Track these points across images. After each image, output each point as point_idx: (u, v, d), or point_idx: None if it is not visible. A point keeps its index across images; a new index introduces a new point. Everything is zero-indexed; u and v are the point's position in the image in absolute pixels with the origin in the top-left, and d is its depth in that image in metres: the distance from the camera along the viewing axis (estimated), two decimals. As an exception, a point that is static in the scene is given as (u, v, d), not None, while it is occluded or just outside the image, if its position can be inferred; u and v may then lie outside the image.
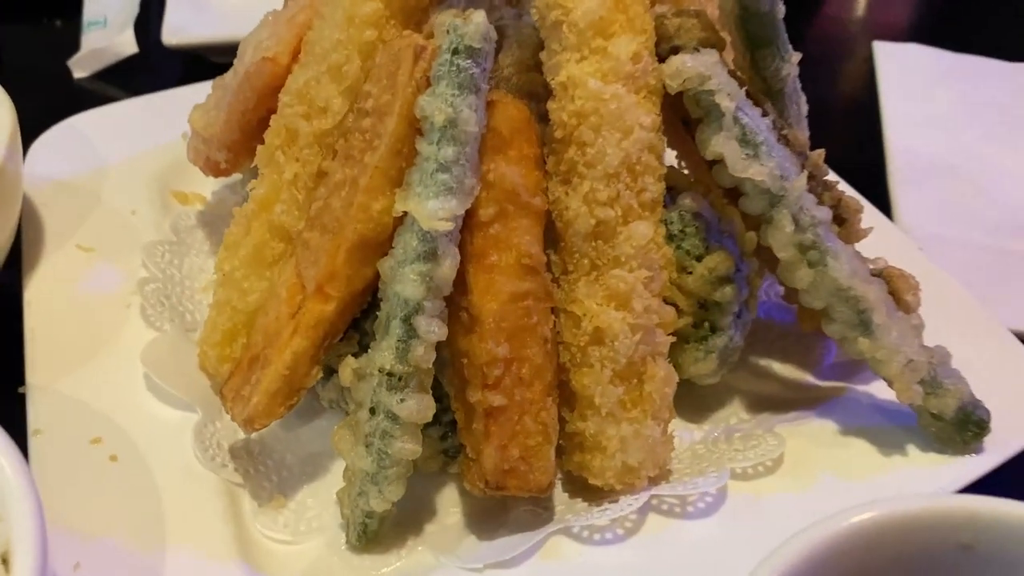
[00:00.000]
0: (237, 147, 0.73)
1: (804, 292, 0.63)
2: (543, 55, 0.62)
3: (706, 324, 0.66)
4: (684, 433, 0.68)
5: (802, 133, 0.70)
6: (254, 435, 0.65)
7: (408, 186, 0.57)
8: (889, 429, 0.67)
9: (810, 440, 0.66)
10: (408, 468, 0.57)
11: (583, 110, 0.59)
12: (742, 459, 0.64)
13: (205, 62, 1.08)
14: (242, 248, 0.64)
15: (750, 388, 0.72)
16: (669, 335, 0.62)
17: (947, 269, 0.80)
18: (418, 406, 0.56)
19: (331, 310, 0.58)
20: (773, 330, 0.77)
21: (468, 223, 0.58)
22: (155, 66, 1.11)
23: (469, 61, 0.55)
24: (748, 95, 0.64)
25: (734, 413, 0.71)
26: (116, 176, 0.84)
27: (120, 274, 0.74)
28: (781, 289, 0.75)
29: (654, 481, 0.61)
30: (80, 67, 1.07)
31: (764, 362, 0.75)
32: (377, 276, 0.59)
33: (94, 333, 0.69)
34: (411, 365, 0.56)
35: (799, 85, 0.69)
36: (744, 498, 0.62)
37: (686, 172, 0.72)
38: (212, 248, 0.81)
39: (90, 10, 1.15)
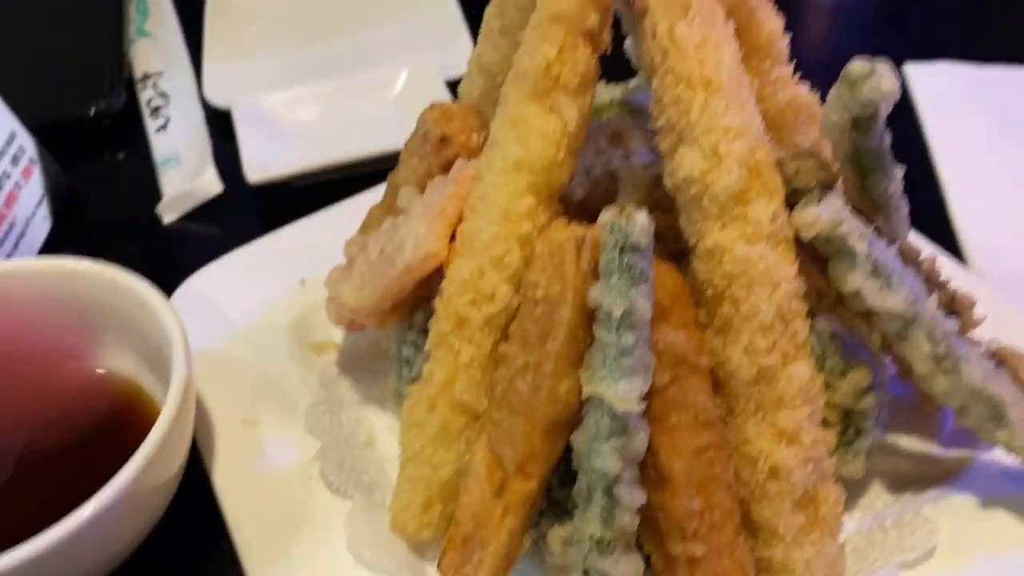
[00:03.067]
0: (385, 314, 0.78)
1: (941, 395, 0.70)
2: (682, 219, 0.68)
3: (851, 429, 0.72)
4: (840, 527, 0.75)
5: (908, 237, 0.76)
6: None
7: (591, 368, 0.62)
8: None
9: (954, 518, 0.73)
10: (625, 623, 0.64)
11: (733, 272, 0.65)
12: (903, 550, 0.70)
13: (285, 188, 1.13)
14: (427, 427, 0.70)
15: (885, 468, 0.79)
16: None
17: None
18: (630, 565, 0.62)
19: (535, 487, 0.64)
20: (892, 403, 0.83)
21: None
22: (234, 197, 1.14)
23: (637, 256, 0.61)
24: (860, 212, 0.70)
25: (878, 496, 0.77)
26: (253, 336, 0.89)
27: (291, 444, 0.80)
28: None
29: (834, 590, 0.68)
30: (168, 211, 1.11)
31: (891, 438, 0.81)
32: (567, 446, 0.65)
33: (294, 515, 0.74)
34: (618, 530, 0.62)
35: (902, 189, 0.75)
36: (913, 589, 0.69)
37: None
38: (359, 397, 0.86)
39: (159, 147, 1.18)
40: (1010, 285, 0.94)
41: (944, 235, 1.03)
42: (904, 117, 1.21)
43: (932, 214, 1.06)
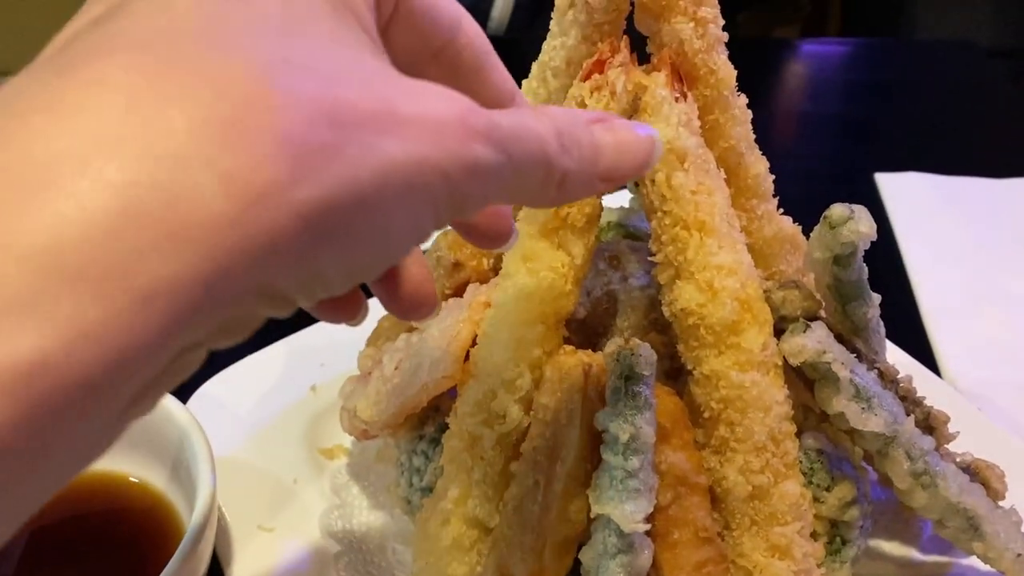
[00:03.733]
0: (397, 426, 0.83)
1: (920, 508, 0.75)
2: (680, 346, 0.73)
3: (838, 539, 0.77)
4: (829, 632, 0.79)
5: (885, 358, 0.82)
6: None
7: (599, 489, 0.67)
8: (1001, 601, 0.79)
9: (937, 622, 0.78)
10: None
11: (728, 397, 0.70)
12: (890, 656, 0.75)
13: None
14: (441, 539, 0.74)
15: (869, 572, 0.84)
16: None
17: (1003, 416, 0.94)
18: (636, 673, 0.66)
19: (545, 599, 0.68)
20: (875, 508, 0.88)
21: (648, 507, 0.68)
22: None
23: (641, 385, 0.66)
24: (841, 337, 0.76)
25: (864, 601, 0.82)
26: (267, 442, 0.93)
27: (306, 550, 0.84)
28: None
29: None
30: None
31: (874, 543, 0.86)
32: (575, 559, 0.69)
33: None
34: (624, 641, 0.66)
35: (879, 314, 0.81)
36: None
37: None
38: (371, 503, 0.90)
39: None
40: (981, 387, 1.01)
41: (917, 340, 1.09)
42: (876, 223, 1.28)
43: (905, 320, 1.13)
